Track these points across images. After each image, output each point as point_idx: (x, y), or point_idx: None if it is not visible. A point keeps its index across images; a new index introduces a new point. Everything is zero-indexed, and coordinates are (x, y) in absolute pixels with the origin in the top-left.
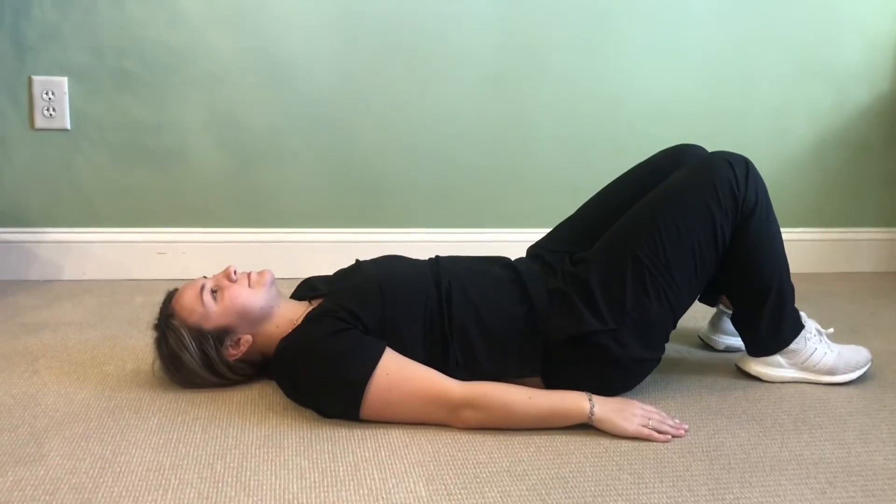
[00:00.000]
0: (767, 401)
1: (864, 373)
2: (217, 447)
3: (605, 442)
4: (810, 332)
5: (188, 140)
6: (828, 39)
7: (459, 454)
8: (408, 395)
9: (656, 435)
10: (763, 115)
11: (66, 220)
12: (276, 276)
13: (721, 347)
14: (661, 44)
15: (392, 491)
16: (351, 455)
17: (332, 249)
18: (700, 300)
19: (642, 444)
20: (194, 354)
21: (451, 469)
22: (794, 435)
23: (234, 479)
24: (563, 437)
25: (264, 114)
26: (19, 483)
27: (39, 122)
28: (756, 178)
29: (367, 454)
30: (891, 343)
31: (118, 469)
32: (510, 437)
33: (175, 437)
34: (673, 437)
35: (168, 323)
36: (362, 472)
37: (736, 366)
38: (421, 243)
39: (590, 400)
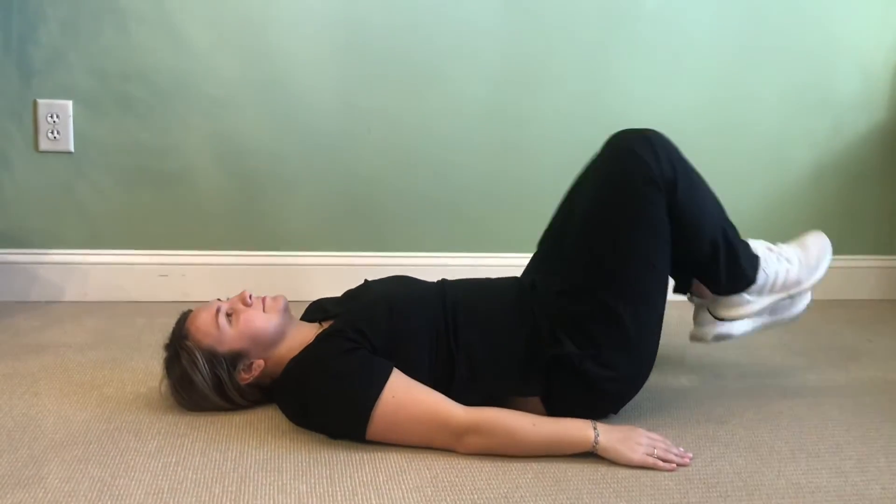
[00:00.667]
0: (765, 428)
1: (828, 265)
2: (216, 471)
3: (603, 469)
4: (766, 260)
5: (191, 164)
6: (826, 69)
7: (458, 479)
8: (413, 418)
9: (661, 464)
10: (762, 142)
11: (69, 241)
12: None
13: (710, 338)
14: (661, 73)
15: None
16: (349, 479)
17: (333, 273)
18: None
19: (640, 472)
20: (206, 377)
21: (449, 494)
22: (792, 463)
23: (232, 503)
24: (562, 463)
25: (267, 138)
26: None
27: (43, 145)
28: (662, 147)
29: (365, 478)
30: (888, 371)
31: (117, 492)
32: (508, 462)
33: (174, 460)
34: (678, 465)
35: (182, 344)
36: (360, 496)
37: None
38: (422, 267)
39: (594, 429)
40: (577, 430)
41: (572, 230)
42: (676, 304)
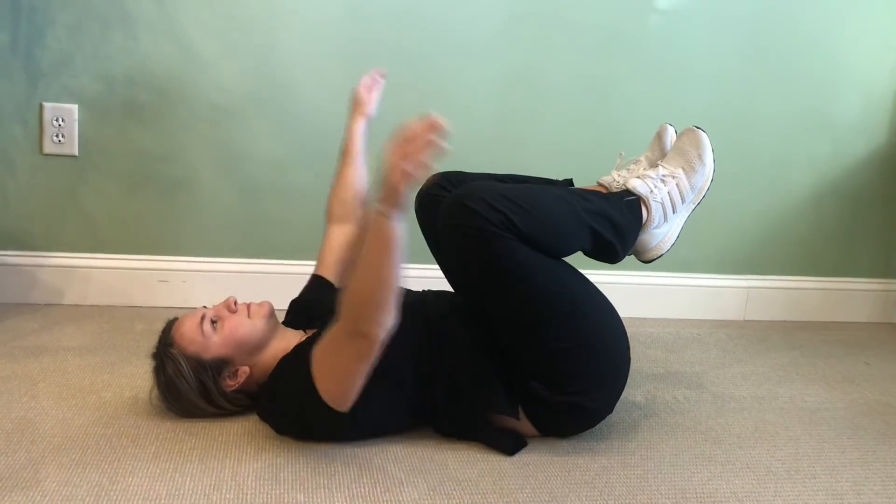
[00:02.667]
0: (762, 448)
1: (711, 153)
2: (214, 479)
3: (600, 485)
4: (651, 192)
5: (194, 170)
6: (827, 92)
7: (455, 493)
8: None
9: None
10: (761, 164)
11: (70, 244)
12: (277, 308)
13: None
14: (661, 92)
15: None
16: (346, 490)
17: None
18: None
19: (637, 489)
20: (192, 384)
21: None
22: (788, 484)
23: None
24: (559, 479)
25: (270, 146)
26: None
27: (48, 148)
28: (475, 200)
29: (363, 490)
30: (884, 394)
31: (114, 497)
32: (506, 478)
33: (172, 466)
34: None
35: (167, 352)
36: None
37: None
38: (422, 279)
39: (384, 215)
40: (377, 229)
41: (470, 302)
42: (673, 322)
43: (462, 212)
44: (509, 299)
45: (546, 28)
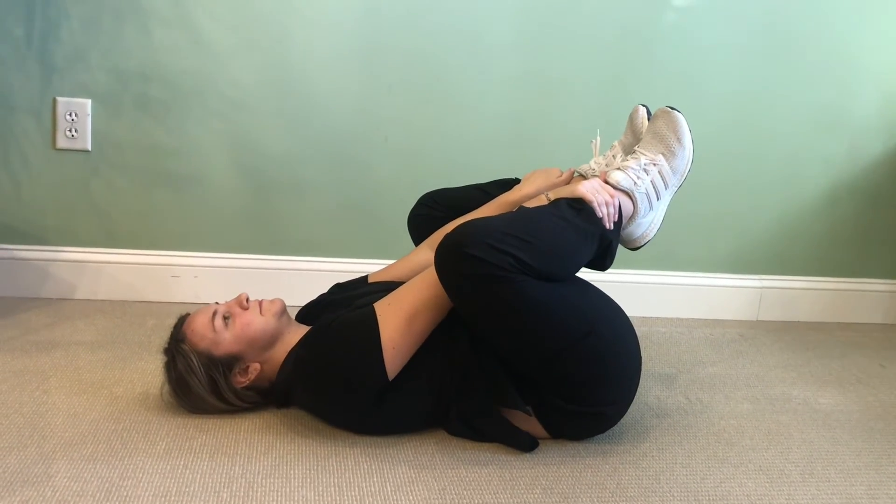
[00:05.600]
0: (775, 451)
1: (689, 133)
2: (224, 475)
3: (612, 486)
4: (635, 184)
5: (206, 166)
6: (843, 91)
7: (466, 492)
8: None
9: (596, 206)
10: (777, 162)
11: (82, 239)
12: (288, 304)
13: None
14: (676, 91)
15: None
16: (357, 489)
17: (343, 279)
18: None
19: (649, 491)
20: (202, 380)
21: None
22: (802, 487)
23: None
24: (570, 480)
25: (282, 143)
26: None
27: (61, 143)
28: (476, 245)
29: (373, 489)
30: None
31: (125, 493)
32: (517, 477)
33: (182, 463)
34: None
35: (178, 348)
36: None
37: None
38: None
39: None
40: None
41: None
42: (686, 322)
43: (466, 262)
44: (523, 334)
45: (560, 28)
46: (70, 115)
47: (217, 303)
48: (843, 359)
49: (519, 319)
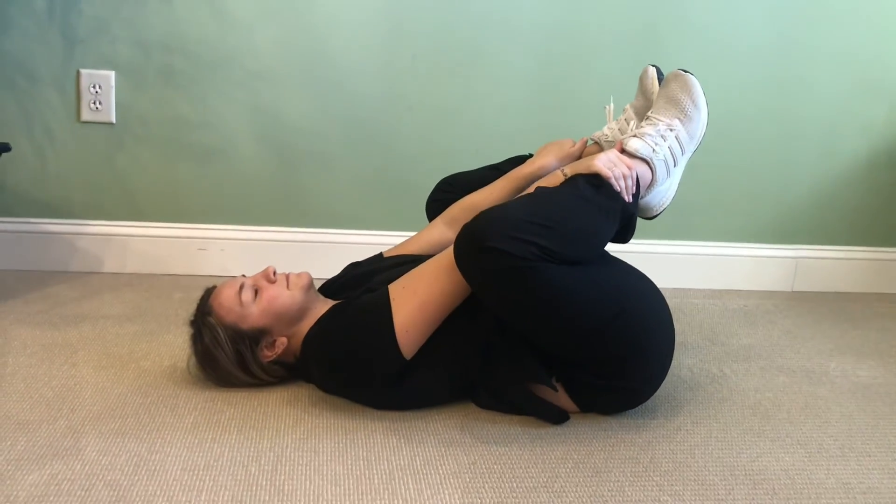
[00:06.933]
0: (813, 424)
1: (703, 96)
2: (252, 449)
3: (645, 461)
4: (654, 151)
5: (230, 137)
6: (882, 54)
7: (496, 467)
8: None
9: (613, 179)
10: (815, 129)
11: (109, 213)
12: (315, 277)
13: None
14: (711, 58)
15: (427, 502)
16: (386, 463)
17: (369, 251)
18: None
19: (683, 465)
20: (229, 354)
21: (487, 482)
22: (841, 462)
23: (269, 482)
24: (601, 453)
25: (307, 114)
26: (55, 477)
27: (85, 115)
28: (499, 242)
29: (402, 462)
30: None
31: (153, 467)
32: (548, 452)
33: (210, 436)
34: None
35: (205, 320)
36: (397, 480)
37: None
38: None
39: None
40: (550, 182)
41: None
42: (720, 294)
43: (487, 255)
44: (552, 321)
45: None
46: (94, 87)
47: (244, 275)
48: (882, 331)
49: (546, 307)
